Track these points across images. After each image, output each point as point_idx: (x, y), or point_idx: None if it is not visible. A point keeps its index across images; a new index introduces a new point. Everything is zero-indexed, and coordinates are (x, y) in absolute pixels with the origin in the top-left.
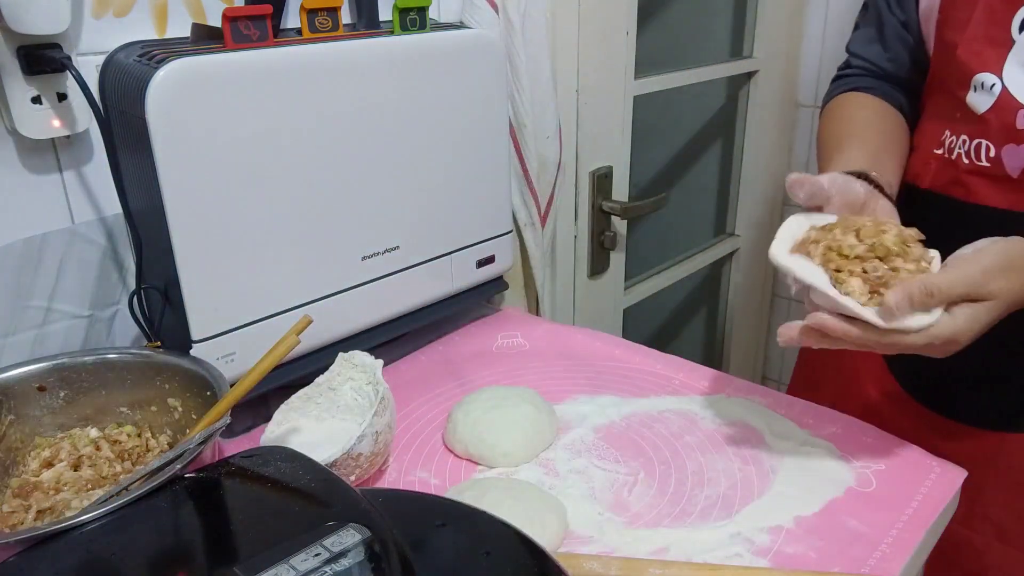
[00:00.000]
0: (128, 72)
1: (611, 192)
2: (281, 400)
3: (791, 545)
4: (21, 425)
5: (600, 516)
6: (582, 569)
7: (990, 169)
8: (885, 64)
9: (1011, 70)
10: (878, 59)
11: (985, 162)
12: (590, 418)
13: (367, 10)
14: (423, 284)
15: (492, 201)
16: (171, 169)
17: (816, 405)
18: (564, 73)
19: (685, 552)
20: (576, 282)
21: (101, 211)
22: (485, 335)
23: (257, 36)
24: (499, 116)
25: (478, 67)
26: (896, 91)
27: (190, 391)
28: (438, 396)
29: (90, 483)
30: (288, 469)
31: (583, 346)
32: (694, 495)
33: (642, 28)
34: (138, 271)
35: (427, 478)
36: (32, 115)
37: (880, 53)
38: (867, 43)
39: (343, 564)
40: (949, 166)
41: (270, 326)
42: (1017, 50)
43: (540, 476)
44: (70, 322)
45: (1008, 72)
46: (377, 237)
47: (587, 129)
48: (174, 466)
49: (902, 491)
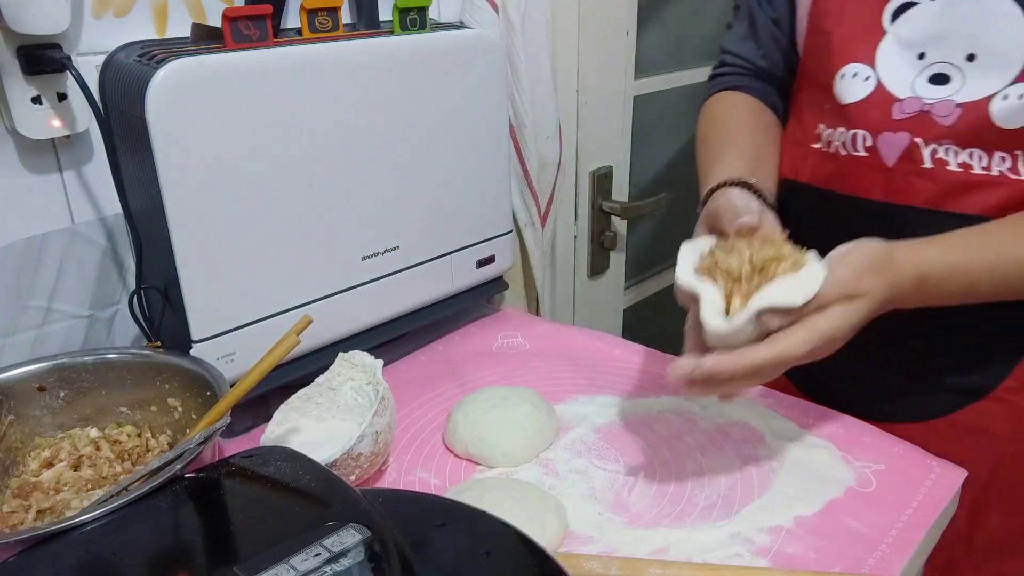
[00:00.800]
0: (128, 72)
1: (611, 192)
2: (281, 400)
3: (791, 545)
4: (21, 425)
5: (600, 516)
6: (582, 569)
7: (868, 159)
8: (759, 61)
9: (884, 61)
10: (751, 56)
11: (863, 152)
12: (590, 418)
13: (367, 10)
14: (423, 284)
15: (492, 201)
16: (171, 169)
17: (816, 405)
18: (564, 73)
19: (685, 552)
20: (576, 282)
21: (101, 211)
22: (485, 335)
23: (257, 36)
24: (499, 116)
25: (478, 67)
26: (770, 89)
27: (190, 391)
28: (438, 396)
29: (90, 483)
30: (288, 469)
31: (583, 346)
32: (694, 495)
33: (642, 28)
34: (138, 271)
35: (427, 478)
36: (32, 115)
37: (753, 50)
38: (740, 40)
39: (343, 564)
40: (828, 159)
41: (270, 326)
42: (888, 41)
43: (540, 476)
44: (70, 322)
45: (881, 63)
46: (377, 237)
47: (587, 129)
48: (174, 466)
49: (902, 491)
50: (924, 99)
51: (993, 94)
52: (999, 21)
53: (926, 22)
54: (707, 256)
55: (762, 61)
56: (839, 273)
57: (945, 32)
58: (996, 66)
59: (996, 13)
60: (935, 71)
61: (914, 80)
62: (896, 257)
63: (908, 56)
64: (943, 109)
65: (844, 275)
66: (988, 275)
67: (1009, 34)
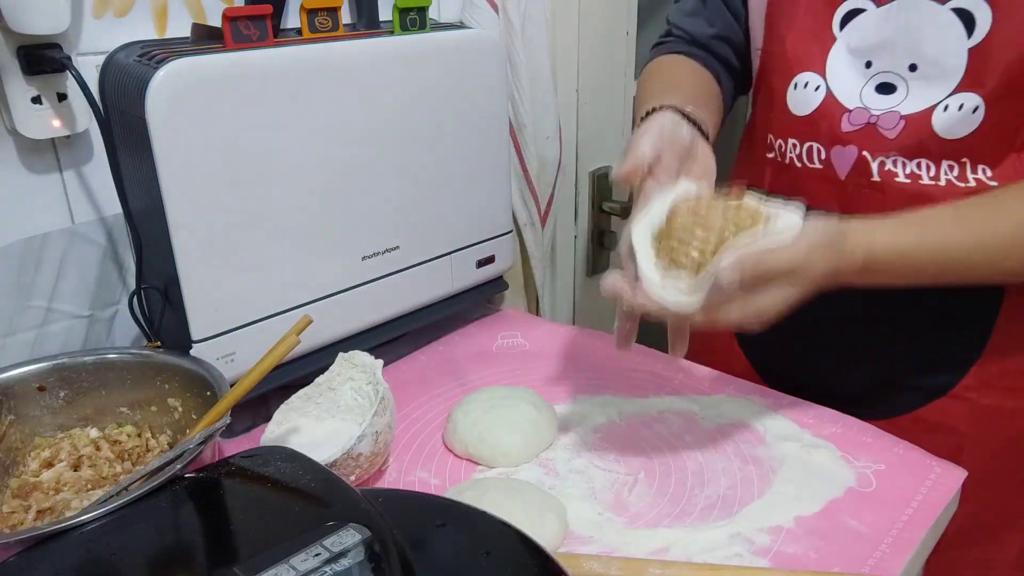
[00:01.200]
0: (128, 72)
1: (611, 192)
2: (281, 400)
3: (791, 545)
4: (21, 425)
5: (600, 516)
6: (582, 569)
7: (823, 171)
8: (704, 36)
9: (833, 69)
10: (697, 31)
11: (818, 164)
12: (590, 418)
13: (367, 10)
14: (423, 284)
15: (492, 201)
16: (171, 169)
17: (816, 405)
18: (564, 73)
19: (685, 552)
20: (576, 282)
21: (101, 211)
22: (485, 335)
23: (257, 36)
24: (499, 116)
25: (478, 67)
26: (712, 60)
27: (190, 391)
28: (438, 396)
29: (90, 483)
30: (288, 469)
31: (583, 346)
32: (694, 495)
33: (642, 28)
34: (138, 271)
35: (427, 478)
36: (32, 115)
37: (701, 25)
38: (687, 15)
39: (343, 564)
40: (784, 170)
41: (270, 326)
42: (838, 48)
43: (540, 476)
44: (70, 322)
45: (831, 72)
46: (377, 237)
47: (587, 129)
48: (174, 466)
49: (902, 491)
50: (871, 110)
51: (935, 105)
52: (937, 32)
53: (871, 30)
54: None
55: (708, 37)
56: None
57: (888, 41)
58: (936, 76)
59: (935, 24)
60: (881, 80)
61: (862, 89)
62: (848, 238)
63: (856, 64)
64: (888, 122)
65: (786, 255)
66: (933, 263)
67: (947, 45)
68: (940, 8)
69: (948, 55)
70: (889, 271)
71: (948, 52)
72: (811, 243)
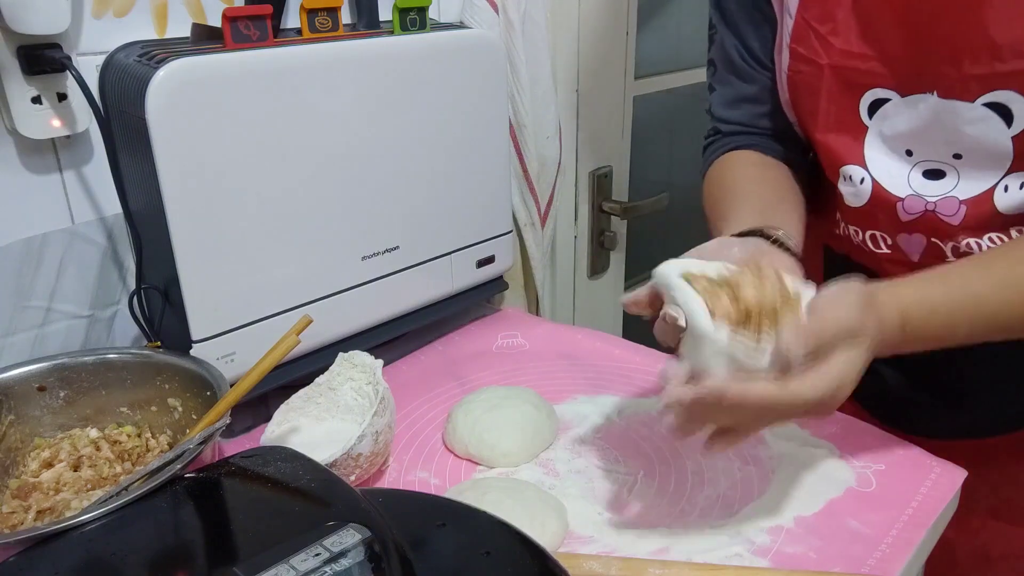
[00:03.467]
0: (128, 72)
1: (611, 192)
2: (281, 400)
3: (791, 545)
4: (21, 425)
5: (600, 516)
6: (582, 569)
7: (893, 255)
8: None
9: (873, 159)
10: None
11: (886, 249)
12: (590, 418)
13: (367, 10)
14: (423, 284)
15: (492, 201)
16: (171, 169)
17: None
18: (564, 73)
19: (685, 552)
20: (576, 282)
21: (101, 211)
22: (485, 335)
23: (257, 36)
24: (499, 116)
25: (478, 67)
26: (775, 145)
27: (190, 391)
28: (438, 396)
29: (90, 483)
30: (288, 469)
31: (583, 346)
32: (694, 495)
33: (642, 28)
34: (138, 271)
35: (427, 478)
36: (32, 115)
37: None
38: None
39: (343, 564)
40: (856, 247)
41: (270, 326)
42: (872, 137)
43: (540, 476)
44: (70, 322)
45: (871, 162)
46: (377, 237)
47: (587, 129)
48: (174, 466)
49: (902, 491)
50: (925, 197)
51: (993, 186)
52: (974, 126)
53: (902, 119)
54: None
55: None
56: (835, 314)
57: (923, 130)
58: (985, 162)
59: (968, 119)
60: (927, 167)
61: (908, 176)
62: (877, 297)
63: (896, 152)
64: (948, 208)
65: (841, 315)
66: (963, 314)
67: (988, 136)
68: (971, 105)
69: (992, 144)
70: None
71: (991, 141)
72: (852, 304)
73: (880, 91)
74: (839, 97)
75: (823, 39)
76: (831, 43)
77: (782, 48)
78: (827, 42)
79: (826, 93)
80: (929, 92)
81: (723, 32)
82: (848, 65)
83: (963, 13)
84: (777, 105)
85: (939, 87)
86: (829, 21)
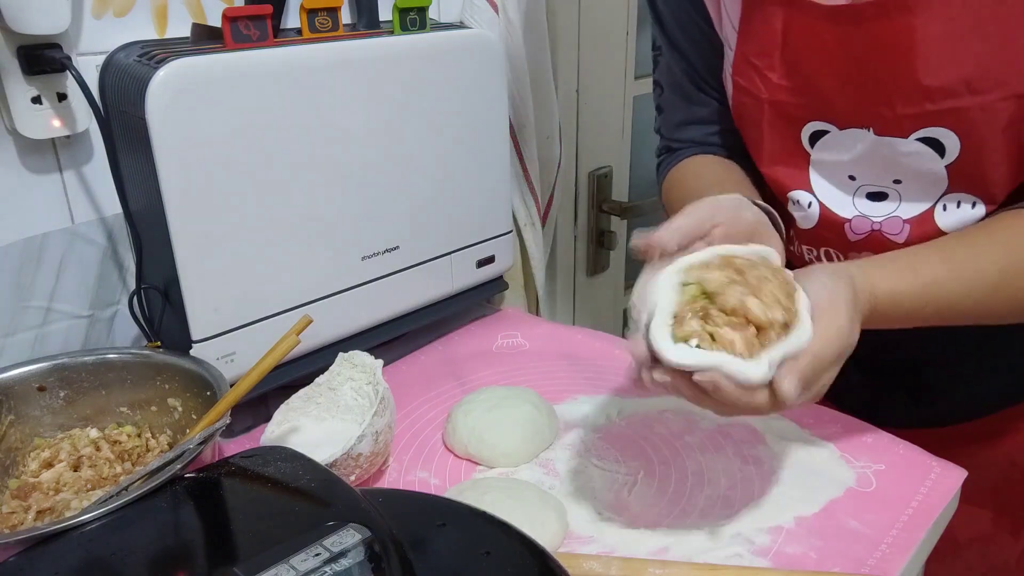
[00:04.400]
0: (128, 72)
1: (611, 192)
2: (281, 400)
3: (791, 545)
4: (21, 425)
5: (600, 516)
6: (582, 569)
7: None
8: (711, 138)
9: (819, 184)
10: (699, 136)
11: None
12: (590, 418)
13: (367, 10)
14: (423, 284)
15: (492, 201)
16: (171, 169)
17: (816, 405)
18: (564, 73)
19: (685, 552)
20: (576, 282)
21: (101, 211)
22: (485, 335)
23: (257, 36)
24: (499, 116)
25: (478, 67)
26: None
27: (190, 391)
28: (438, 396)
29: (90, 483)
30: (288, 469)
31: (583, 346)
32: (694, 495)
33: (642, 28)
34: (138, 271)
35: (427, 478)
36: (32, 115)
37: (701, 130)
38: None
39: (343, 564)
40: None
41: (270, 326)
42: (815, 164)
43: (540, 476)
44: (70, 322)
45: (817, 187)
46: (377, 237)
47: (587, 129)
48: (174, 466)
49: (902, 491)
50: (871, 217)
51: (932, 207)
52: (909, 157)
53: (842, 149)
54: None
55: (714, 135)
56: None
57: (864, 160)
58: (923, 186)
59: (903, 152)
60: (870, 190)
61: (853, 198)
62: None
63: (840, 177)
64: (892, 227)
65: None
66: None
67: (923, 165)
68: (905, 140)
69: (928, 172)
70: (888, 317)
71: (927, 170)
72: (849, 316)
73: (818, 124)
74: (781, 128)
75: (761, 74)
76: (768, 78)
77: (726, 77)
78: (765, 76)
79: (767, 125)
80: (865, 128)
81: (669, 55)
82: (785, 100)
83: (893, 61)
84: (727, 125)
85: (874, 125)
86: (765, 56)
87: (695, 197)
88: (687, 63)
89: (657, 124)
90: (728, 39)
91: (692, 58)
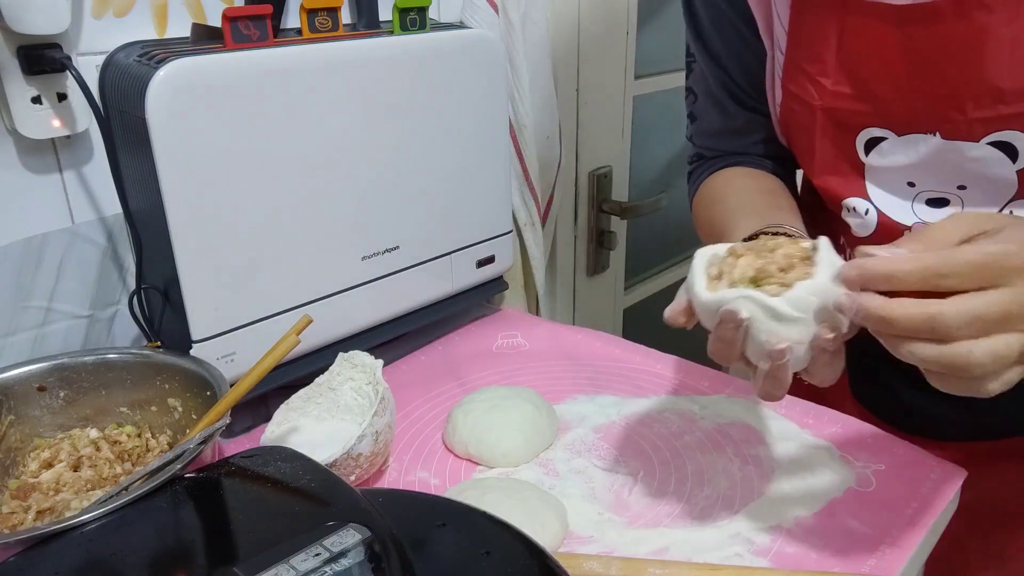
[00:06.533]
0: (128, 72)
1: (611, 192)
2: (281, 400)
3: (791, 545)
4: (21, 425)
5: (600, 516)
6: (582, 569)
7: None
8: (744, 148)
9: (875, 193)
10: (732, 148)
11: None
12: (590, 418)
13: (367, 10)
14: (423, 284)
15: (492, 201)
16: (171, 169)
17: (816, 405)
18: (564, 73)
19: (685, 552)
20: (576, 282)
21: (101, 211)
22: (485, 335)
23: (257, 36)
24: (499, 116)
25: (478, 67)
26: (765, 160)
27: (190, 391)
28: (438, 396)
29: (90, 484)
30: (288, 469)
31: (583, 346)
32: (694, 495)
33: (642, 28)
34: (138, 271)
35: (427, 478)
36: (32, 115)
37: (735, 140)
38: (715, 136)
39: (343, 564)
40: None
41: (270, 326)
42: (871, 172)
43: (540, 476)
44: (70, 322)
45: (874, 194)
46: (377, 237)
47: (587, 129)
48: (174, 466)
49: (902, 491)
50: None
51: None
52: (977, 162)
53: (901, 156)
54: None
55: (749, 146)
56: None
57: (925, 165)
58: (990, 192)
59: (971, 156)
60: (930, 196)
61: (912, 205)
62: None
63: (898, 184)
64: None
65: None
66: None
67: (993, 170)
68: (975, 144)
69: (997, 177)
70: None
71: (996, 175)
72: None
73: (875, 130)
74: (834, 136)
75: (814, 80)
76: (822, 84)
77: (775, 83)
78: (818, 83)
79: (820, 132)
80: (930, 133)
81: (705, 64)
82: (840, 107)
83: (963, 63)
84: (765, 135)
85: (942, 129)
86: (818, 62)
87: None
88: (724, 72)
89: (689, 132)
90: (779, 43)
91: (730, 68)
